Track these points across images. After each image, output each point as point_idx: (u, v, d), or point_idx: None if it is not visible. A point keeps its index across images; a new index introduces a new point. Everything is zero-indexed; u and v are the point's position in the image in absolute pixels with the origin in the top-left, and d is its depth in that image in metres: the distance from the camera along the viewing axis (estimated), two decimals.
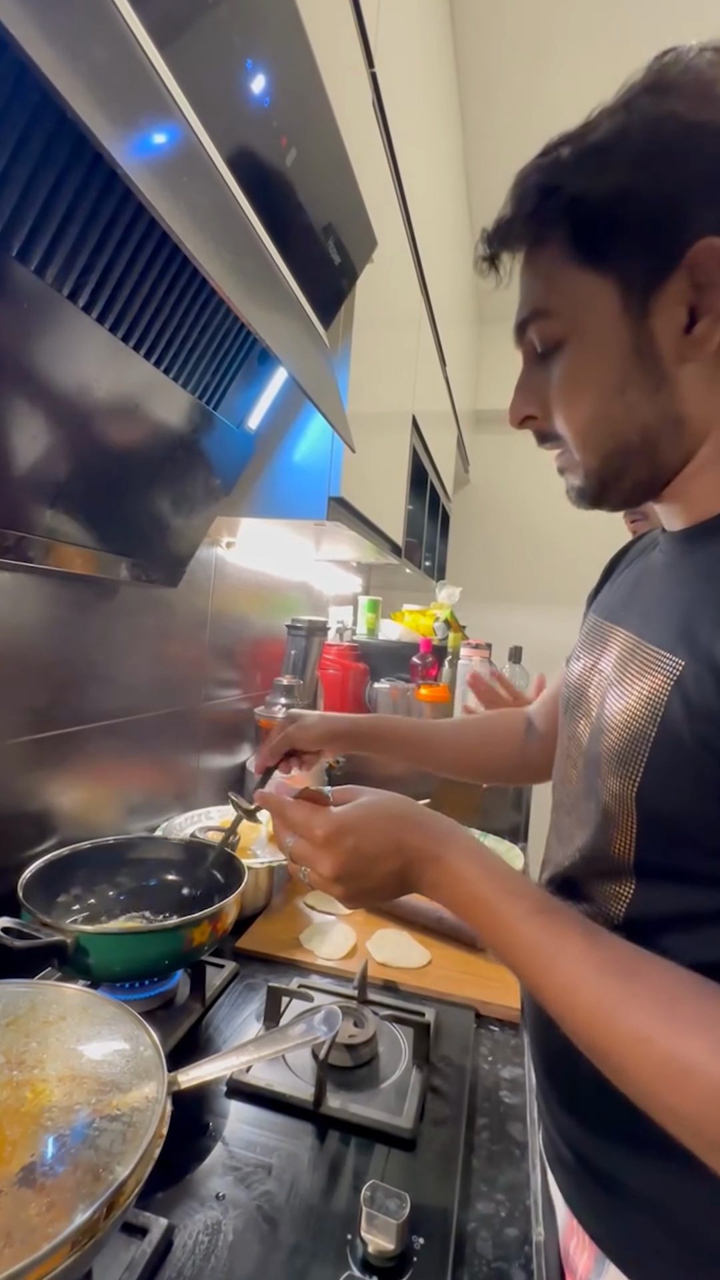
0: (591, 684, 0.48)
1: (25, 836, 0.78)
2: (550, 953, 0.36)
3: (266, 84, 0.55)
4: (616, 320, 0.39)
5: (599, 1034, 0.33)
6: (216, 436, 0.83)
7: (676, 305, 0.38)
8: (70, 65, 0.32)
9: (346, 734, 0.74)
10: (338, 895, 0.44)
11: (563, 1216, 0.50)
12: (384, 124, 0.99)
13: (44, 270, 0.50)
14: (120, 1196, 0.37)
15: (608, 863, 0.43)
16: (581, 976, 0.34)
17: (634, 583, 0.51)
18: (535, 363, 0.45)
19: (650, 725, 0.38)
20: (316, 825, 0.43)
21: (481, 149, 1.95)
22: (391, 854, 0.42)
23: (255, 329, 0.50)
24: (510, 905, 0.38)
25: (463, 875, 0.41)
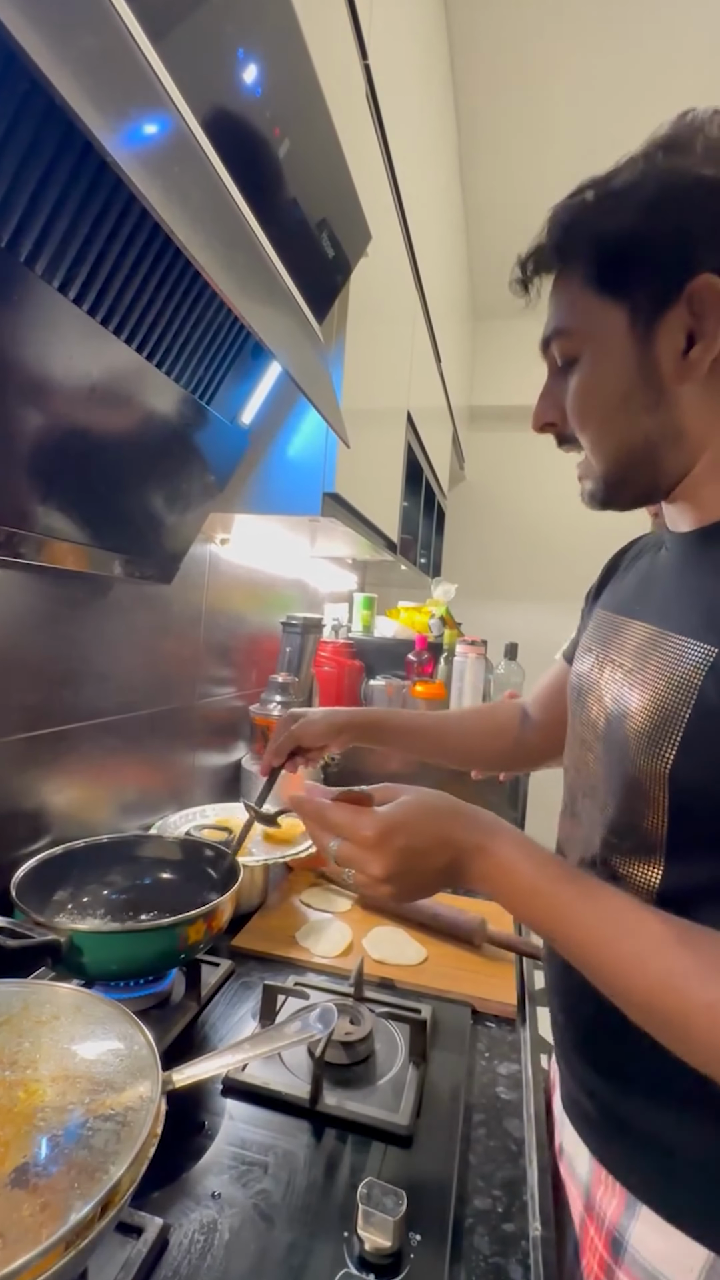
0: (605, 673, 0.52)
1: (18, 835, 0.77)
2: (608, 933, 0.38)
3: (259, 74, 0.54)
4: (624, 341, 0.45)
5: (664, 1005, 0.36)
6: (210, 431, 0.82)
7: (677, 331, 0.43)
8: (59, 53, 0.32)
9: (349, 727, 0.74)
10: (385, 895, 0.44)
11: (586, 1168, 0.53)
12: (378, 117, 0.98)
13: (34, 262, 0.49)
14: (115, 1196, 0.36)
15: (638, 839, 0.46)
16: (644, 951, 0.37)
17: (643, 580, 0.55)
18: (557, 374, 0.51)
19: (684, 707, 0.42)
20: (364, 826, 0.43)
21: (476, 143, 1.94)
22: (440, 849, 0.43)
23: (248, 322, 0.50)
24: (562, 891, 0.40)
25: (512, 865, 0.42)
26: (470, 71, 1.70)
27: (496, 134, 1.92)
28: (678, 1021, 0.35)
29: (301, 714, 0.75)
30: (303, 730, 0.72)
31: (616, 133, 1.85)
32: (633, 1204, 0.47)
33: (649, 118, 0.44)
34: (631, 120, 1.80)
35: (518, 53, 1.64)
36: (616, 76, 1.67)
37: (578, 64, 1.65)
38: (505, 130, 1.90)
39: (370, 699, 1.67)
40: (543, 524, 2.90)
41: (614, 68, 1.65)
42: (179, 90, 0.45)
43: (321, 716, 0.74)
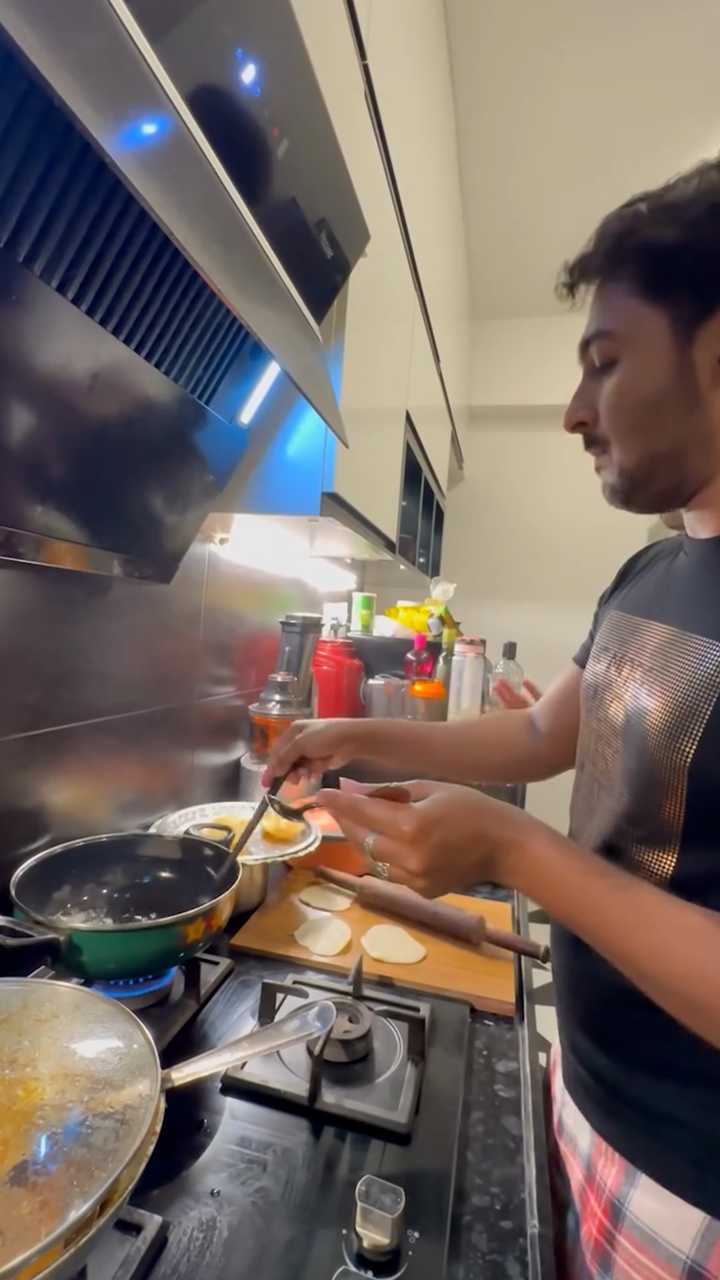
0: (624, 672, 0.54)
1: (18, 834, 0.77)
2: (640, 925, 0.40)
3: (257, 74, 0.54)
4: (665, 346, 0.47)
5: (698, 993, 0.38)
6: (209, 431, 0.82)
7: (714, 339, 0.46)
8: (58, 53, 0.32)
9: (353, 738, 0.74)
10: (420, 888, 0.46)
11: (587, 1140, 0.56)
12: (376, 117, 0.98)
13: (33, 261, 0.49)
14: (114, 1194, 0.36)
15: (655, 828, 0.48)
16: (676, 942, 0.39)
17: (661, 583, 0.57)
18: (593, 375, 0.53)
19: (705, 704, 0.44)
20: (403, 821, 0.45)
21: (475, 143, 1.94)
22: (474, 844, 0.45)
23: (247, 322, 0.50)
24: (594, 885, 0.43)
25: (544, 860, 0.44)
26: (468, 72, 1.70)
27: (495, 134, 1.92)
28: (711, 1009, 0.37)
29: (305, 724, 0.75)
30: (307, 740, 0.73)
31: (614, 134, 1.85)
32: (632, 1173, 0.50)
33: (647, 120, 0.45)
34: (630, 122, 1.80)
35: (516, 54, 1.64)
36: (615, 78, 1.67)
37: (576, 65, 1.65)
38: (503, 131, 1.90)
39: (369, 698, 1.67)
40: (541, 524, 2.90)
41: (612, 69, 1.65)
42: (177, 90, 0.45)
43: (325, 727, 0.74)
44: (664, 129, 1.77)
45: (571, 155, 1.95)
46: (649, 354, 0.48)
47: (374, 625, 1.96)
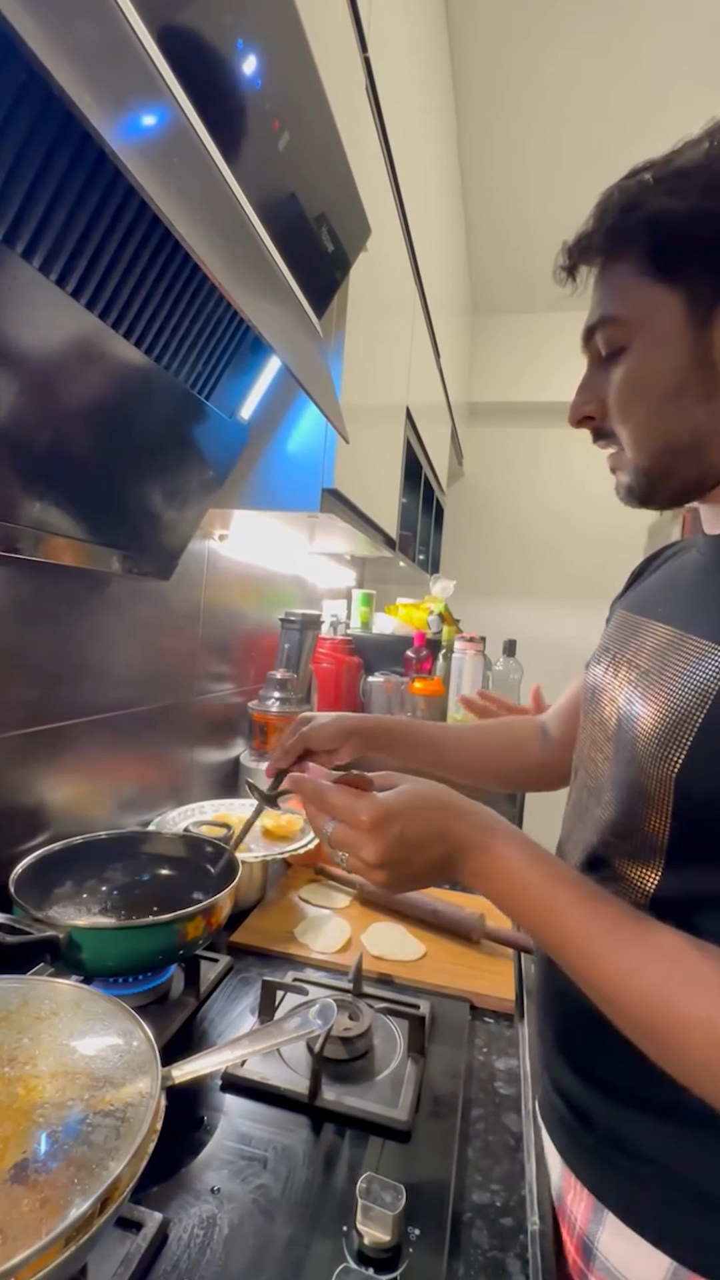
0: (620, 673, 0.51)
1: (17, 831, 0.77)
2: (604, 941, 0.37)
3: (258, 65, 0.54)
4: (680, 330, 0.43)
5: (658, 1016, 0.35)
6: (209, 427, 0.82)
7: None
8: (58, 42, 0.32)
9: (360, 733, 0.72)
10: (378, 881, 0.44)
11: (558, 1172, 0.53)
12: (377, 110, 0.98)
13: (31, 254, 0.49)
14: (114, 1192, 0.36)
15: (640, 840, 0.45)
16: (638, 962, 0.36)
17: (668, 582, 0.54)
18: (598, 366, 0.49)
19: (697, 711, 0.41)
20: (361, 810, 0.43)
21: (476, 138, 1.93)
22: (436, 841, 0.43)
23: (247, 315, 0.49)
24: (559, 894, 0.40)
25: (510, 864, 0.41)
26: (470, 66, 1.69)
27: (496, 129, 1.91)
28: (671, 1036, 0.34)
29: (311, 717, 0.74)
30: (313, 733, 0.71)
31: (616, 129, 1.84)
32: (599, 1210, 0.47)
33: (650, 113, 0.44)
34: (632, 115, 1.80)
35: (518, 47, 1.63)
36: (616, 74, 1.66)
37: (579, 59, 1.64)
38: (505, 126, 1.89)
39: (369, 695, 1.67)
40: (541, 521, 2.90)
41: (615, 63, 1.64)
42: (178, 80, 0.45)
43: (332, 720, 0.72)
44: (665, 125, 1.75)
45: (573, 150, 1.94)
46: (662, 339, 0.44)
47: (373, 622, 1.95)
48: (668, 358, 0.44)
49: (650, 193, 0.43)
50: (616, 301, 0.46)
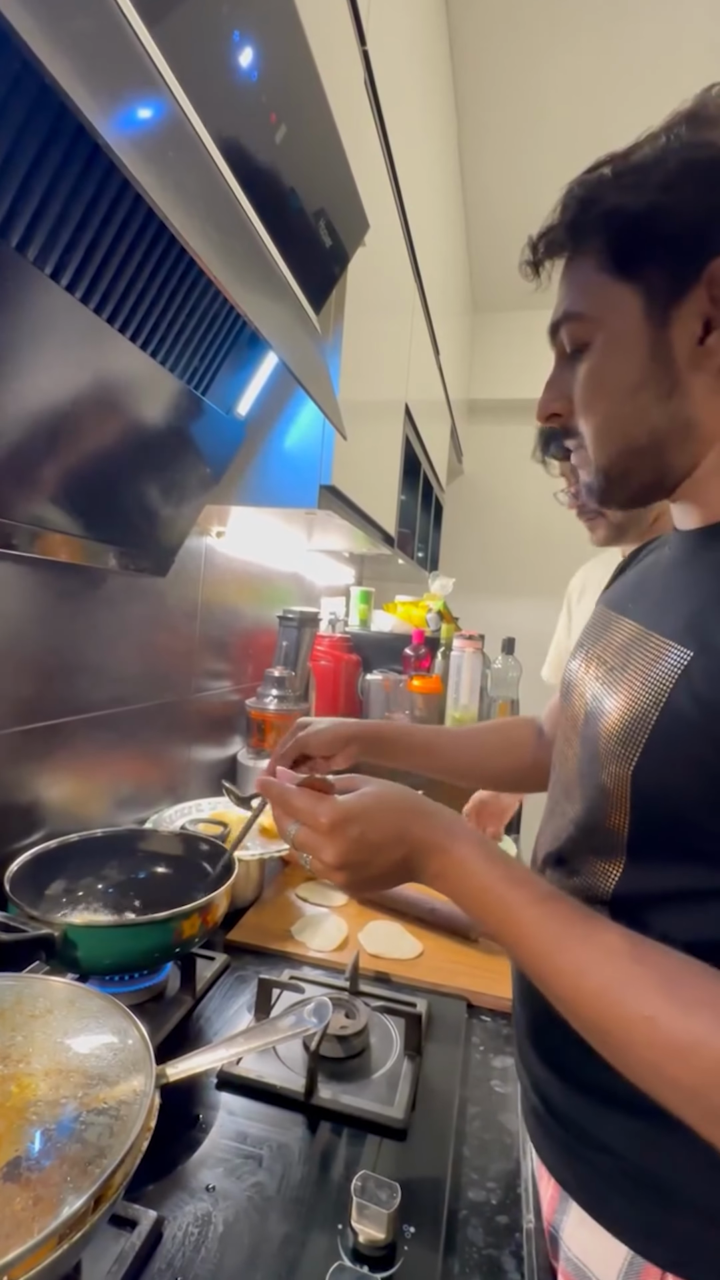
0: (591, 669, 0.51)
1: (12, 829, 0.77)
2: (556, 940, 0.38)
3: (255, 57, 0.54)
4: (638, 327, 0.42)
5: (605, 1015, 0.35)
6: (205, 423, 0.82)
7: (694, 317, 0.41)
8: (52, 34, 0.31)
9: (358, 739, 0.72)
10: (339, 883, 0.45)
11: (533, 1160, 0.54)
12: (376, 105, 0.97)
13: (25, 247, 0.49)
14: (108, 1190, 0.36)
15: (601, 838, 0.45)
16: (589, 961, 0.36)
17: (640, 578, 0.54)
18: (564, 362, 0.48)
19: (653, 710, 0.40)
20: (321, 813, 0.44)
21: (476, 132, 1.93)
22: (396, 843, 0.43)
23: (244, 311, 0.49)
24: (514, 894, 0.40)
25: (468, 866, 0.42)
26: (469, 60, 1.68)
27: (496, 125, 1.90)
28: (616, 1033, 0.35)
29: (309, 722, 0.74)
30: (310, 738, 0.71)
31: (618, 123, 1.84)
32: (564, 1199, 0.48)
33: (651, 107, 0.43)
34: (633, 111, 1.79)
35: (518, 42, 1.62)
36: (618, 67, 1.65)
37: (579, 54, 1.63)
38: (505, 121, 1.88)
39: (367, 693, 1.66)
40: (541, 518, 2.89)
41: (615, 58, 1.63)
42: (173, 73, 0.44)
43: (330, 725, 0.72)
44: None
45: (573, 146, 1.93)
46: (622, 336, 0.43)
47: (372, 620, 1.95)
48: (627, 355, 0.43)
49: (608, 187, 0.42)
50: (579, 297, 0.45)
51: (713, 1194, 0.40)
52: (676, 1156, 0.41)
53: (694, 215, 0.40)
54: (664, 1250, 0.42)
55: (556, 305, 0.47)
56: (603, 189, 0.42)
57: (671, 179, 0.40)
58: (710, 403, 0.42)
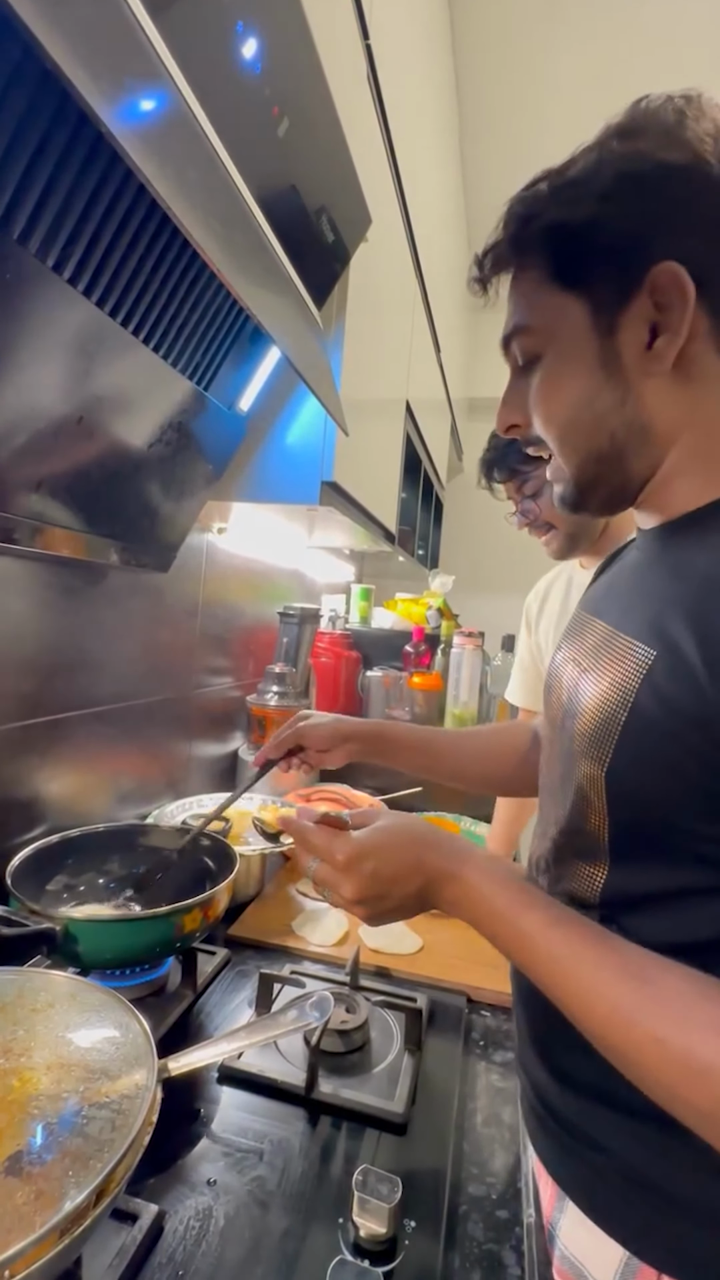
0: (567, 671, 0.51)
1: (14, 823, 0.77)
2: (569, 963, 0.38)
3: (258, 49, 0.53)
4: (586, 337, 0.43)
5: (618, 1037, 0.35)
6: (207, 418, 0.81)
7: (640, 324, 0.41)
8: (54, 20, 0.31)
9: (355, 737, 0.73)
10: (360, 916, 0.46)
11: (532, 1158, 0.54)
12: (379, 100, 0.97)
13: (27, 239, 0.48)
14: (109, 1184, 0.36)
15: (583, 841, 0.45)
16: (600, 983, 0.37)
17: (613, 578, 0.54)
18: (519, 375, 0.49)
19: (621, 710, 0.41)
20: (337, 850, 0.45)
21: (478, 128, 1.92)
22: (411, 874, 0.44)
23: (247, 305, 0.49)
24: (527, 918, 0.40)
25: (481, 891, 0.43)
26: (472, 56, 1.67)
27: (498, 123, 1.90)
28: (630, 1055, 0.35)
29: (310, 714, 0.74)
30: (308, 730, 0.71)
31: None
32: (562, 1198, 0.48)
33: None
34: None
35: (520, 37, 1.61)
36: (620, 62, 1.65)
37: (580, 54, 1.63)
38: (507, 119, 1.88)
39: (367, 690, 1.66)
40: None
41: (618, 53, 1.62)
42: (176, 63, 0.44)
43: (329, 722, 0.72)
44: None
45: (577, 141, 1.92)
46: (571, 347, 0.44)
47: (372, 617, 1.95)
48: (577, 365, 0.44)
49: (547, 202, 0.43)
50: (526, 311, 0.46)
51: (709, 1195, 0.40)
52: (673, 1158, 0.41)
53: (631, 224, 0.40)
54: (660, 1251, 0.42)
55: (507, 319, 0.48)
56: (541, 204, 0.43)
57: (607, 190, 0.40)
58: (664, 407, 0.43)
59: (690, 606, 0.39)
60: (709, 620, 0.37)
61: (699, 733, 0.36)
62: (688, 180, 0.39)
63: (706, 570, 0.40)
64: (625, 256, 0.41)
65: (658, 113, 0.41)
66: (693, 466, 0.44)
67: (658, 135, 0.40)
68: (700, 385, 0.42)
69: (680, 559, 0.43)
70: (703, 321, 0.40)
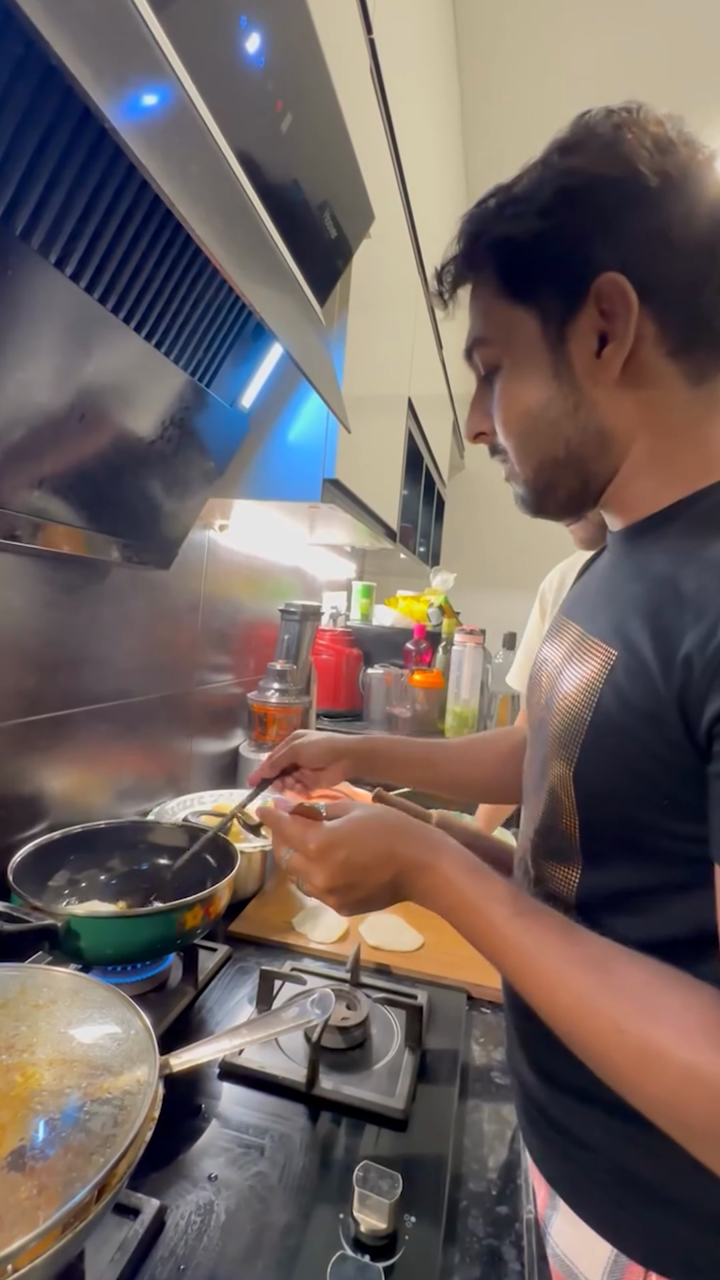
0: (544, 673, 0.52)
1: (16, 820, 0.77)
2: (533, 953, 0.39)
3: (262, 44, 0.53)
4: (538, 347, 0.44)
5: (579, 1027, 0.36)
6: (209, 415, 0.81)
7: (588, 333, 0.42)
8: (57, 14, 0.31)
9: (350, 754, 0.73)
10: (332, 905, 0.47)
11: (527, 1158, 0.54)
12: (382, 94, 0.96)
13: (29, 234, 0.48)
14: (112, 1179, 0.36)
15: (558, 840, 0.46)
16: (562, 974, 0.37)
17: (586, 581, 0.56)
18: (482, 385, 0.50)
19: (587, 710, 0.42)
20: (309, 840, 0.46)
21: (481, 128, 1.91)
22: (383, 864, 0.45)
23: (249, 301, 0.49)
24: (494, 909, 0.41)
25: (453, 882, 0.43)
26: (475, 51, 1.66)
27: (501, 120, 1.89)
28: (592, 1044, 0.36)
29: (305, 734, 0.74)
30: (302, 748, 0.72)
31: None
32: (553, 1196, 0.49)
33: (661, 97, 0.42)
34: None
35: (524, 33, 1.60)
36: (625, 63, 1.64)
37: (584, 49, 1.62)
38: (510, 116, 1.87)
39: (368, 687, 1.66)
40: None
41: (622, 49, 1.62)
42: (179, 57, 0.44)
43: (323, 740, 0.73)
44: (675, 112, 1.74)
45: None
46: (525, 357, 0.45)
47: (373, 614, 1.95)
48: (532, 375, 0.45)
49: (493, 219, 0.44)
50: (484, 323, 0.47)
51: (695, 1193, 0.41)
52: (659, 1156, 0.41)
53: (572, 238, 0.42)
54: (646, 1249, 0.43)
55: (468, 331, 0.49)
56: (488, 221, 0.45)
57: (548, 206, 0.41)
58: (618, 412, 0.44)
59: (646, 606, 0.40)
60: (662, 617, 0.38)
61: (652, 729, 0.37)
62: (624, 192, 0.40)
63: (662, 570, 0.41)
64: (569, 268, 0.42)
65: (597, 127, 0.42)
66: (650, 468, 0.45)
67: (596, 149, 0.41)
68: (652, 390, 0.43)
69: (640, 561, 0.45)
70: (649, 327, 0.41)
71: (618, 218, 0.41)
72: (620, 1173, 0.43)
